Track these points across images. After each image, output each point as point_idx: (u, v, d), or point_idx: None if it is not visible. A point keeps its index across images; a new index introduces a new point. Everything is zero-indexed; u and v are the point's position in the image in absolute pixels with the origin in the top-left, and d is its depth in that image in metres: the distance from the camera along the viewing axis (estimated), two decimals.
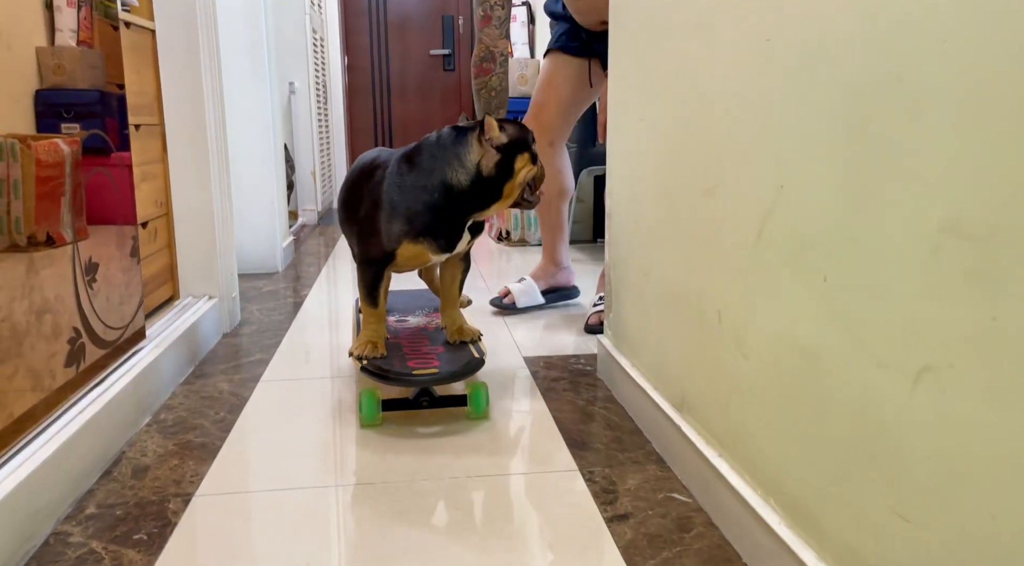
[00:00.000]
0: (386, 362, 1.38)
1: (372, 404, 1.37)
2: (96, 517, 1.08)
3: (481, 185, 1.35)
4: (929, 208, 0.61)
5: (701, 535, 1.02)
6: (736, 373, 0.99)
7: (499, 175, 1.36)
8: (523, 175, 1.38)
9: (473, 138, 1.35)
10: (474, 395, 1.41)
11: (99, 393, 1.26)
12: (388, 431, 1.36)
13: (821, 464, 0.79)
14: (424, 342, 1.52)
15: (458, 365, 1.39)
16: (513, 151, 1.36)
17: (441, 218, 1.36)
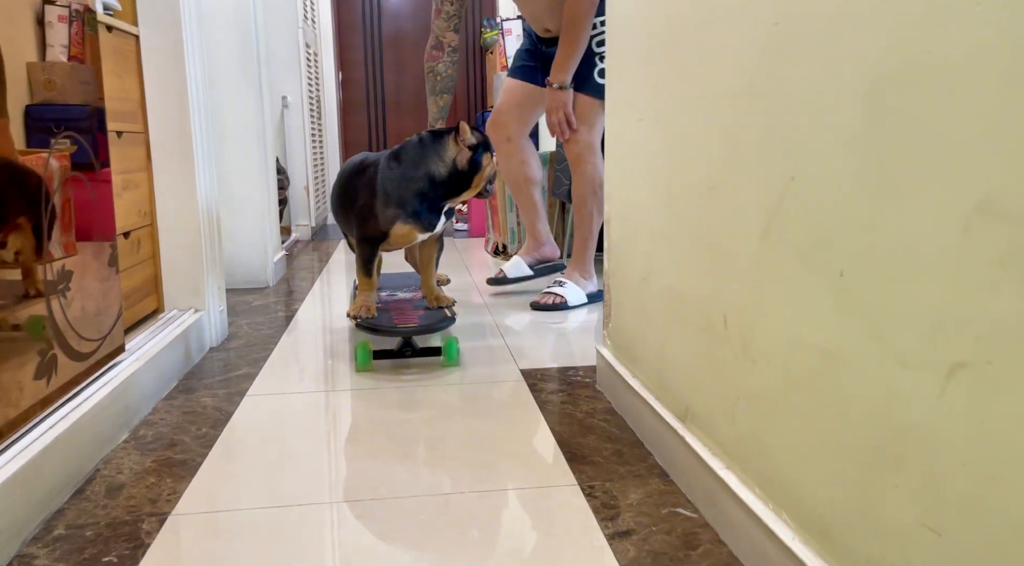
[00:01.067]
0: (376, 320, 1.76)
1: (365, 353, 1.73)
2: (64, 538, 1.01)
3: (456, 176, 1.72)
4: (961, 189, 0.55)
5: (708, 552, 0.96)
6: (744, 380, 0.93)
7: (470, 169, 1.72)
8: (488, 170, 1.75)
9: (450, 139, 1.72)
10: (447, 347, 1.77)
11: (72, 407, 1.20)
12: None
13: (839, 474, 0.73)
14: (408, 308, 1.90)
15: (433, 320, 1.76)
16: (480, 150, 1.73)
17: (425, 203, 1.72)
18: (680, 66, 1.12)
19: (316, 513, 1.07)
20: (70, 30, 1.30)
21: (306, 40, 4.32)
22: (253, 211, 2.85)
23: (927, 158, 0.59)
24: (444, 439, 1.33)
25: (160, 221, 1.84)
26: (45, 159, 1.16)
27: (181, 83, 1.80)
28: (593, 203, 2.38)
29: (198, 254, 1.88)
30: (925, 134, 0.59)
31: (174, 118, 1.81)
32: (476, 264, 3.33)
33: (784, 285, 0.82)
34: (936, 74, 0.58)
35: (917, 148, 0.60)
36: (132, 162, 1.70)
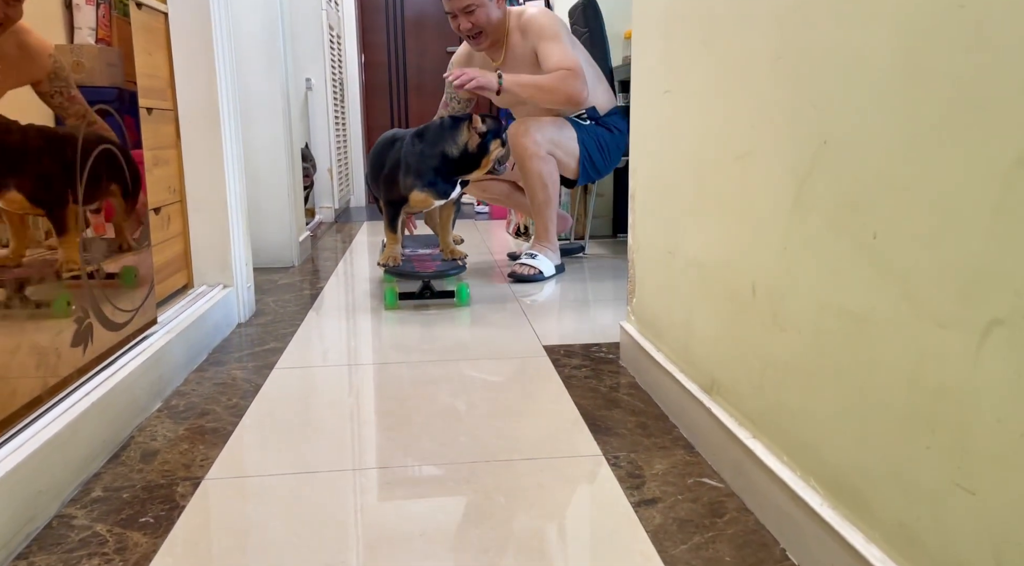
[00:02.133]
0: (401, 267, 2.18)
1: (392, 294, 2.13)
2: (102, 500, 1.04)
3: (467, 157, 2.09)
4: (1001, 142, 0.55)
5: (735, 520, 0.96)
6: (772, 349, 0.93)
7: (479, 152, 2.09)
8: (495, 153, 2.11)
9: (464, 126, 2.08)
10: (460, 291, 2.16)
11: (108, 375, 1.23)
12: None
13: (870, 438, 0.73)
14: (428, 259, 2.31)
15: (447, 267, 2.19)
16: (490, 137, 2.09)
17: (439, 176, 2.11)
18: (706, 35, 1.11)
19: (342, 479, 1.09)
20: (97, 12, 1.31)
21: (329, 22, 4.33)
22: (278, 191, 2.87)
23: (964, 113, 0.59)
24: (468, 413, 1.34)
25: (189, 197, 1.86)
26: None
27: (209, 60, 1.81)
28: (544, 193, 2.51)
29: (226, 231, 1.90)
30: (961, 88, 0.59)
31: (202, 95, 1.82)
32: (497, 247, 3.34)
33: (815, 250, 0.82)
34: (970, 26, 0.57)
35: (954, 102, 0.60)
36: (162, 139, 1.72)
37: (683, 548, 0.90)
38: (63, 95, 1.15)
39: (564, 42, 2.41)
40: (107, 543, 0.93)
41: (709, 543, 0.91)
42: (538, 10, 2.48)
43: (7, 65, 1.00)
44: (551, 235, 2.60)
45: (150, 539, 0.94)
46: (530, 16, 2.45)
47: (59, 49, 1.16)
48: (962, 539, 0.61)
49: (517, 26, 2.47)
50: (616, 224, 3.52)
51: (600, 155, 2.60)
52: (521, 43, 2.47)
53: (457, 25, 2.43)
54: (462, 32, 2.44)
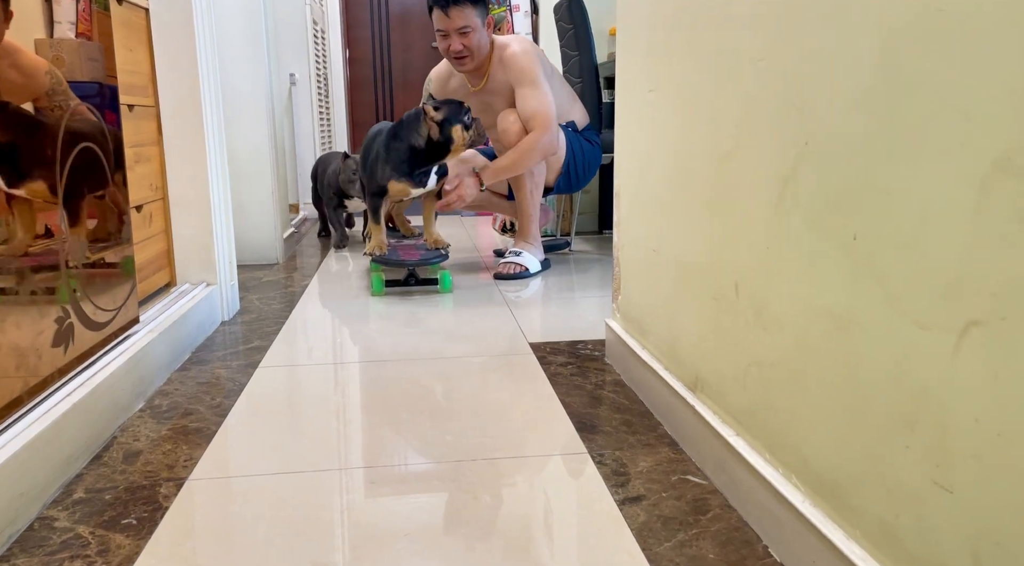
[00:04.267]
0: (387, 256, 2.29)
1: (379, 281, 2.26)
2: (84, 501, 1.03)
3: (433, 146, 2.20)
4: (980, 146, 0.55)
5: (718, 517, 0.97)
6: (755, 347, 0.94)
7: (443, 139, 2.19)
8: (458, 140, 2.20)
9: (424, 118, 2.19)
10: (443, 278, 2.30)
11: (89, 376, 1.22)
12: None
13: (851, 436, 0.74)
14: (412, 249, 2.42)
15: (431, 255, 2.31)
16: (448, 123, 2.18)
17: (411, 166, 2.22)
18: (691, 34, 1.11)
19: (327, 479, 1.08)
20: (77, 6, 1.30)
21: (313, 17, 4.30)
22: (262, 187, 2.85)
23: (943, 116, 0.59)
24: (453, 411, 1.34)
25: (171, 195, 1.85)
26: None
27: (191, 56, 1.80)
28: (531, 183, 2.55)
29: (209, 228, 1.89)
30: (941, 92, 0.59)
31: (184, 91, 1.81)
32: (484, 244, 3.34)
33: (797, 251, 0.83)
34: (949, 32, 0.58)
35: (933, 106, 0.60)
36: (143, 135, 1.71)
37: (667, 545, 0.91)
38: (63, 108, 1.16)
39: (540, 85, 2.44)
40: (89, 545, 0.92)
41: (693, 540, 0.92)
42: (519, 48, 2.48)
43: (5, 87, 1.00)
44: (535, 232, 2.61)
45: (133, 541, 0.93)
46: (511, 55, 2.47)
47: (39, 43, 1.15)
48: (940, 536, 0.61)
49: (499, 58, 2.50)
50: (602, 220, 3.52)
51: (581, 162, 2.64)
52: (501, 76, 2.51)
53: (447, 45, 2.43)
54: (450, 53, 2.44)
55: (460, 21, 2.38)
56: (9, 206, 1.02)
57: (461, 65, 2.47)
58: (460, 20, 2.38)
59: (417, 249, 2.40)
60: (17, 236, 1.04)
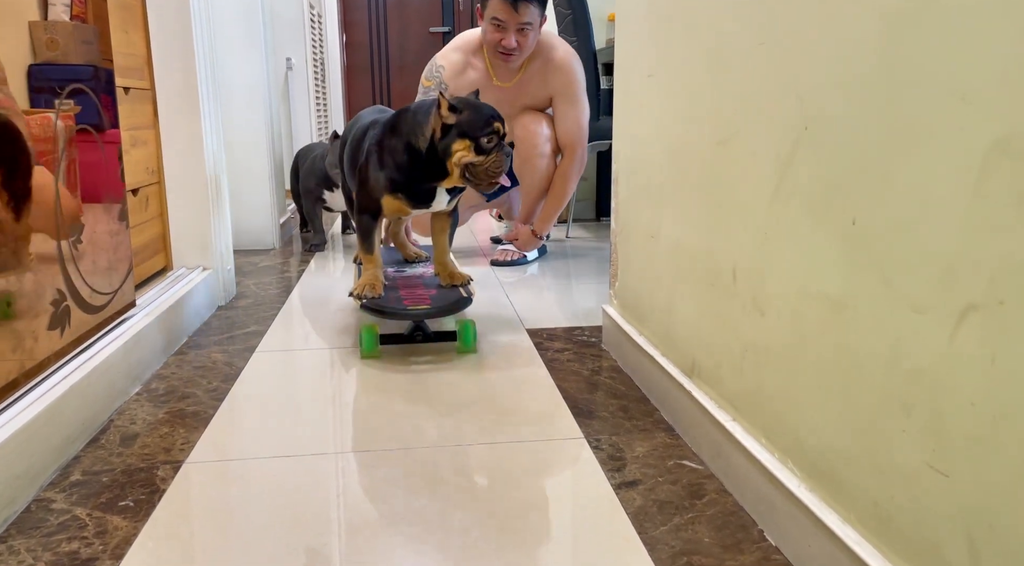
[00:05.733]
0: (383, 300, 1.55)
1: (371, 338, 1.53)
2: (81, 484, 1.03)
3: (434, 156, 1.48)
4: (978, 129, 0.55)
5: (714, 501, 0.97)
6: (752, 333, 0.94)
7: (443, 151, 1.47)
8: (457, 157, 1.46)
9: (433, 111, 1.48)
10: (463, 331, 1.57)
11: (86, 359, 1.21)
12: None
13: (846, 420, 0.74)
14: (419, 286, 1.69)
15: (448, 302, 1.56)
16: (456, 133, 1.45)
17: (408, 176, 1.51)
18: (690, 19, 1.11)
19: (324, 462, 1.09)
20: None
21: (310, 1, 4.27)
22: (258, 171, 2.84)
23: (942, 100, 0.59)
24: (451, 395, 1.34)
25: (168, 179, 1.84)
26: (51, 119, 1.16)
27: (187, 39, 1.78)
28: (545, 183, 2.50)
29: (206, 212, 1.88)
30: (939, 76, 0.59)
31: (180, 75, 1.79)
32: (481, 230, 3.33)
33: (795, 236, 0.83)
34: (949, 14, 0.58)
35: (931, 91, 0.60)
36: (139, 119, 1.70)
37: (663, 529, 0.91)
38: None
39: (581, 101, 2.41)
40: (87, 527, 0.92)
41: (688, 524, 0.92)
42: (570, 56, 2.39)
43: None
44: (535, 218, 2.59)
45: (130, 523, 0.93)
46: (562, 62, 2.37)
47: (33, 26, 1.14)
48: (935, 520, 0.62)
49: (545, 60, 2.38)
50: (599, 207, 3.52)
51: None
52: (539, 79, 2.39)
53: (500, 38, 2.27)
54: (502, 46, 2.29)
55: (525, 17, 2.24)
56: None
57: (507, 60, 2.32)
58: (525, 16, 2.24)
59: (426, 285, 1.69)
60: None
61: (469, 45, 2.44)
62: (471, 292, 1.62)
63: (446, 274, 1.68)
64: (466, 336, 1.56)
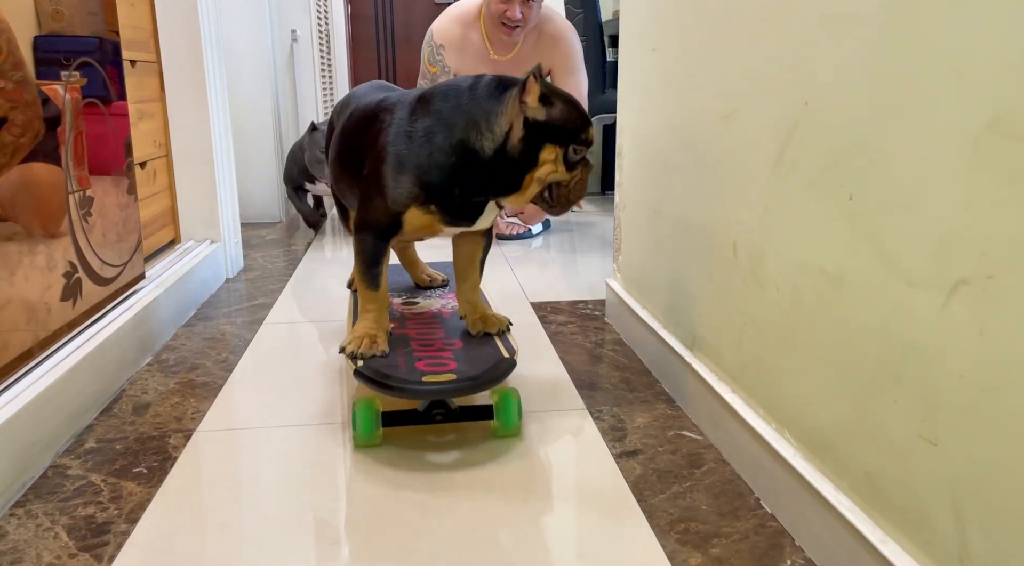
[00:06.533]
0: (388, 364, 1.06)
1: (369, 419, 1.04)
2: (95, 451, 1.06)
3: (504, 162, 1.02)
4: (973, 107, 0.56)
5: (712, 471, 1.00)
6: (752, 306, 0.96)
7: (522, 157, 1.02)
8: (544, 171, 1.02)
9: (512, 97, 1.01)
10: (503, 406, 1.07)
11: (97, 330, 1.24)
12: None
13: (841, 392, 0.76)
14: (437, 332, 1.20)
15: (482, 368, 1.05)
16: (544, 136, 1.01)
17: (456, 184, 1.04)
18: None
19: (332, 432, 1.11)
20: None
21: None
22: (264, 145, 2.85)
23: (940, 76, 0.60)
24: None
25: (175, 152, 1.85)
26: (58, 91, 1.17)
27: (192, 11, 1.78)
28: None
29: (213, 185, 1.90)
30: (938, 52, 0.60)
31: (186, 48, 1.80)
32: None
33: (794, 211, 0.84)
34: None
35: (930, 66, 0.61)
36: (146, 92, 1.70)
37: (662, 497, 0.93)
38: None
39: (580, 73, 2.40)
40: (102, 492, 0.95)
41: (687, 492, 0.95)
42: (567, 28, 2.38)
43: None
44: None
45: (144, 488, 0.96)
46: (559, 33, 2.35)
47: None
48: (923, 488, 0.64)
49: (540, 33, 2.37)
50: (605, 180, 3.52)
51: None
52: (536, 51, 2.37)
53: (504, 9, 2.25)
54: (506, 17, 2.26)
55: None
56: None
57: (510, 33, 2.30)
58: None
59: (447, 332, 1.21)
60: None
61: (466, 15, 2.39)
62: (513, 348, 1.14)
63: (476, 317, 1.21)
64: (507, 414, 1.07)
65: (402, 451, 1.06)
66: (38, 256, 1.08)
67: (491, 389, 1.07)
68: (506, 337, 1.18)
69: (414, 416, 1.07)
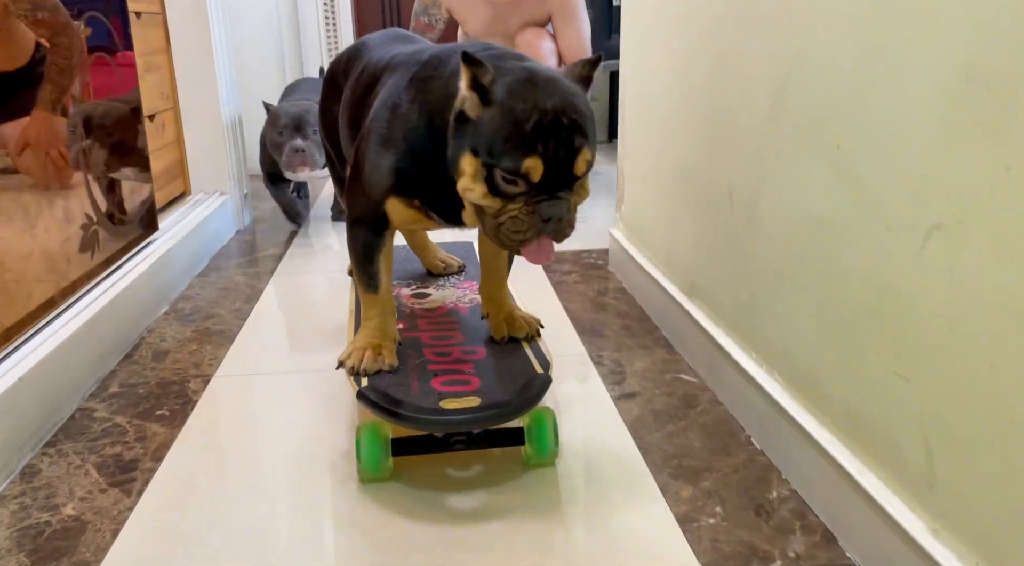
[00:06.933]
0: (398, 382, 0.88)
1: (376, 449, 0.87)
2: (119, 395, 1.12)
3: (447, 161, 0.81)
4: (947, 58, 0.58)
5: (706, 411, 1.04)
6: (746, 252, 0.99)
7: (453, 160, 0.80)
8: (462, 184, 0.78)
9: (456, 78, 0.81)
10: (537, 430, 0.89)
11: (116, 280, 1.28)
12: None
13: (826, 333, 0.80)
14: (455, 336, 1.02)
15: (512, 389, 0.87)
16: (468, 139, 0.77)
17: (432, 177, 0.83)
18: None
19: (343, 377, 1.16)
20: None
21: None
22: (270, 96, 2.85)
23: (920, 28, 0.62)
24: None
25: (183, 103, 1.87)
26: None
27: None
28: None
29: (220, 137, 1.92)
30: (916, 6, 0.62)
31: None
32: None
33: (787, 159, 0.86)
34: None
35: (912, 18, 0.63)
36: (152, 43, 1.72)
37: (657, 435, 0.98)
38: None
39: (580, 18, 2.33)
40: (127, 433, 1.01)
41: (681, 431, 0.99)
42: None
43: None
44: None
45: (167, 429, 1.02)
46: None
47: None
48: (896, 421, 0.68)
49: None
50: (612, 128, 3.51)
51: None
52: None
53: None
54: None
55: None
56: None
57: None
58: None
59: (469, 334, 1.04)
60: None
61: None
62: (547, 360, 0.94)
63: (501, 317, 1.02)
64: (542, 438, 0.89)
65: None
66: (56, 209, 1.12)
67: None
68: (537, 344, 0.99)
69: (429, 441, 0.88)
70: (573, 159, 0.75)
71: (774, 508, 0.83)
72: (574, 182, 0.78)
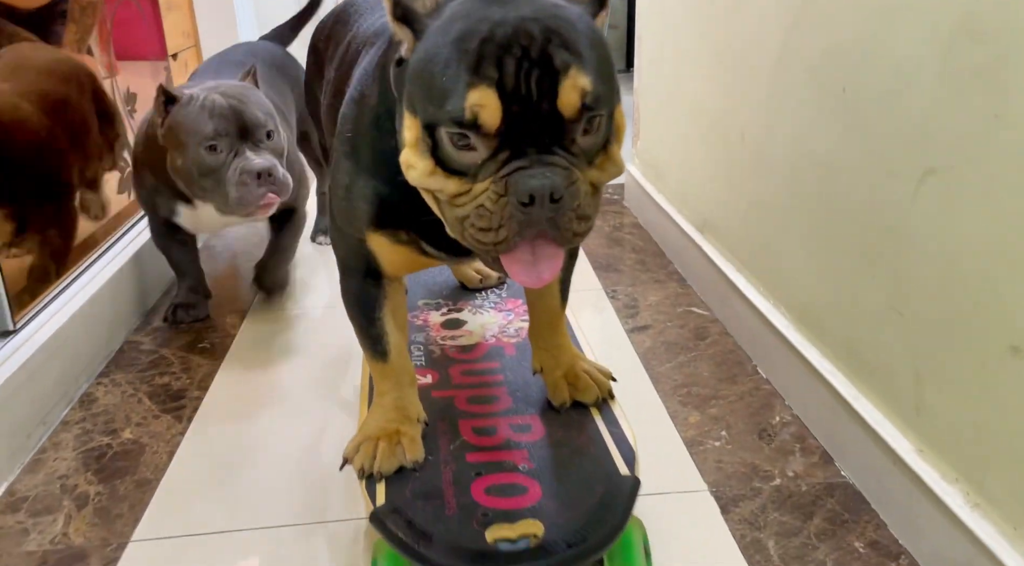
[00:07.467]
0: (425, 494, 0.65)
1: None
2: (163, 329, 1.19)
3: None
4: (947, 10, 0.61)
5: (715, 342, 1.10)
6: (756, 191, 1.02)
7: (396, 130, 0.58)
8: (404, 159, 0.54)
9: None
10: (623, 554, 0.63)
11: None
12: None
13: (829, 270, 0.84)
14: (499, 396, 0.79)
15: (587, 508, 0.62)
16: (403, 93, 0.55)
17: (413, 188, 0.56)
18: None
19: None
20: None
21: None
22: None
23: None
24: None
25: (203, 42, 1.89)
26: None
27: None
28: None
29: None
30: None
31: None
32: None
33: (795, 101, 0.89)
34: None
35: None
36: None
37: (668, 366, 1.04)
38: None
39: None
40: (173, 364, 1.08)
41: (691, 362, 1.05)
42: None
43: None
44: None
45: (210, 361, 1.09)
46: None
47: None
48: (890, 353, 0.73)
49: None
50: (629, 58, 3.46)
51: None
52: None
53: None
54: None
55: None
56: None
57: None
58: None
59: (521, 406, 0.77)
60: None
61: None
62: (631, 446, 0.70)
63: (559, 375, 0.79)
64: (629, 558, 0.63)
65: None
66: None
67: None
68: (611, 412, 0.75)
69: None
70: (555, 86, 0.47)
71: (776, 432, 0.89)
72: (565, 131, 0.49)
